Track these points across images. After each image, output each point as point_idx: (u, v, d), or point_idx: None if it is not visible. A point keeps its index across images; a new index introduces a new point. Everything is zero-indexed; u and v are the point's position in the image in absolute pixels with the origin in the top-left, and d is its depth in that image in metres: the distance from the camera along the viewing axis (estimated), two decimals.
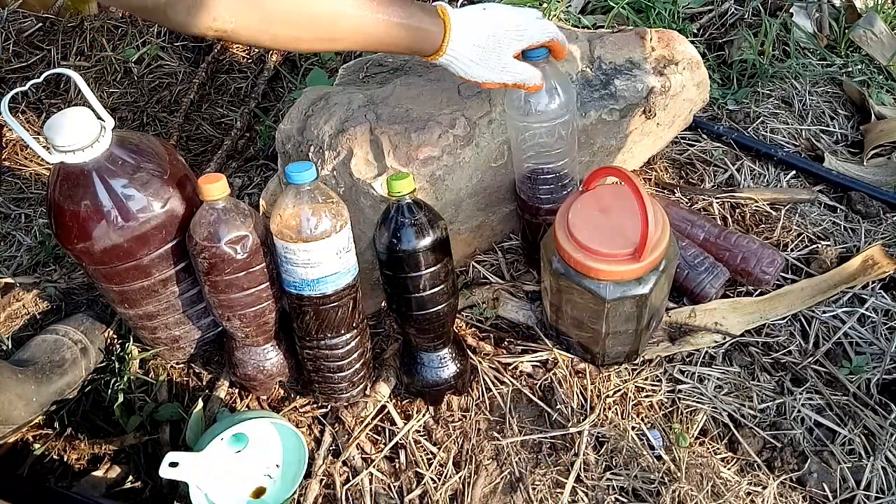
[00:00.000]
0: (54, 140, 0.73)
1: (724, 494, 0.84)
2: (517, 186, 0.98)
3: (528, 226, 1.01)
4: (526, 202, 0.98)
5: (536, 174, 0.94)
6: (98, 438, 0.92)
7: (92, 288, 1.10)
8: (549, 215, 0.96)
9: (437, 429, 0.92)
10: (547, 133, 0.88)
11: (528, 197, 0.97)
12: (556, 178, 0.94)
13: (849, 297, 1.03)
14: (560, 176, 0.94)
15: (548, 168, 0.93)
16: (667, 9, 1.53)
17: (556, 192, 0.95)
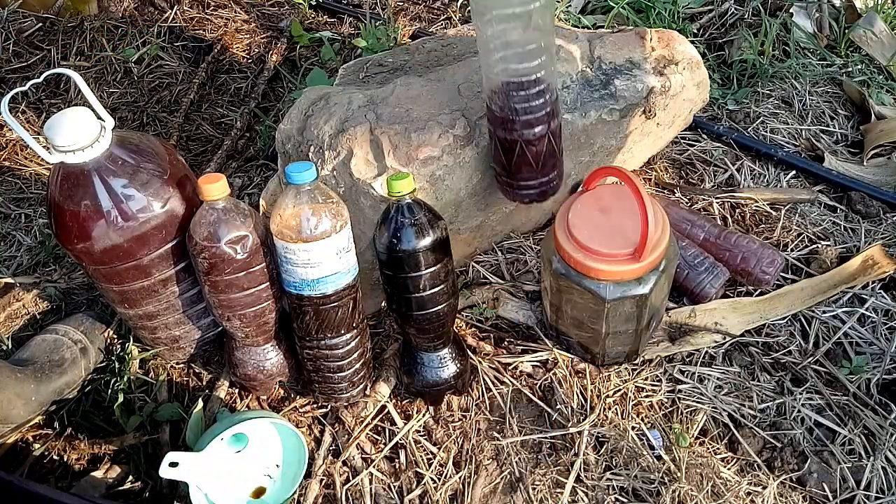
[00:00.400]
0: (54, 140, 0.73)
1: (724, 494, 0.84)
2: (486, 97, 0.85)
3: (502, 145, 0.87)
4: (497, 114, 0.84)
5: (509, 77, 0.80)
6: (98, 438, 0.92)
7: (92, 288, 1.10)
8: (526, 129, 0.83)
9: (437, 429, 0.92)
10: (520, 24, 0.74)
11: (499, 107, 0.83)
12: (532, 83, 0.80)
13: (849, 297, 1.03)
14: (537, 79, 0.80)
15: (523, 69, 0.79)
16: (667, 9, 1.53)
17: (533, 99, 0.81)
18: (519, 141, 0.84)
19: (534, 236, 1.13)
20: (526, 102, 0.81)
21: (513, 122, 0.83)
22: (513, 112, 0.82)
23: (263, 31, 1.71)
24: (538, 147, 0.85)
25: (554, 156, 0.89)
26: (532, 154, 0.86)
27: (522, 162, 0.87)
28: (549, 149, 0.87)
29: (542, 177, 0.90)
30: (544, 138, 0.85)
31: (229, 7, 1.78)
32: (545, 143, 0.86)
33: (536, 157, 0.86)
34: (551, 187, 0.93)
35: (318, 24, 1.72)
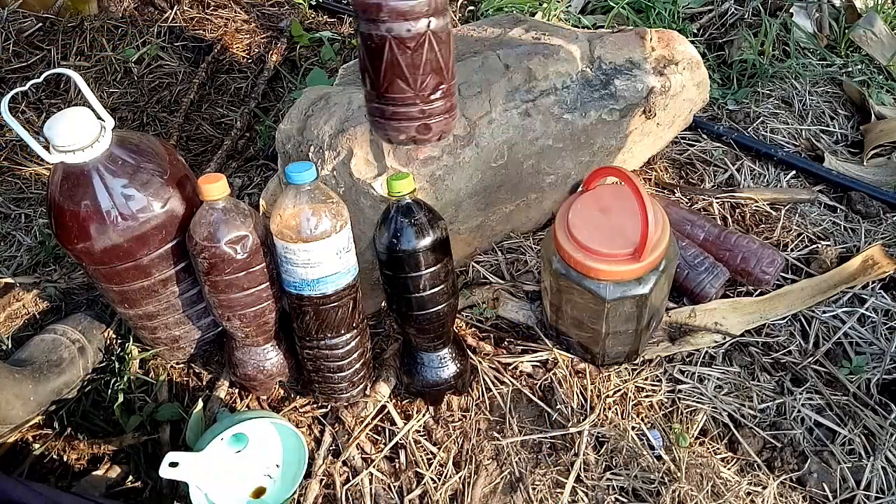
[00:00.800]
0: (54, 140, 0.73)
1: (724, 494, 0.84)
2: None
3: (366, 46, 0.68)
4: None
5: None
6: (98, 438, 0.92)
7: (92, 288, 1.10)
8: (395, 21, 0.65)
9: (437, 429, 0.92)
10: None
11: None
12: None
13: (849, 297, 1.03)
14: None
15: None
16: (667, 9, 1.53)
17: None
18: (388, 41, 0.64)
19: (534, 236, 1.13)
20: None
21: (378, 7, 0.63)
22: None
23: (263, 31, 1.71)
24: (415, 52, 0.65)
25: (439, 71, 0.68)
26: (406, 62, 0.66)
27: (394, 74, 0.67)
28: (431, 57, 0.66)
29: (423, 102, 0.69)
30: (424, 39, 0.64)
31: (229, 7, 1.78)
32: (425, 48, 0.65)
33: (413, 68, 0.66)
34: (437, 120, 0.71)
35: (318, 24, 1.72)
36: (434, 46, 0.67)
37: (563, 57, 1.02)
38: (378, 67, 0.67)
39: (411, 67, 0.67)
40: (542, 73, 1.00)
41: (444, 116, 0.73)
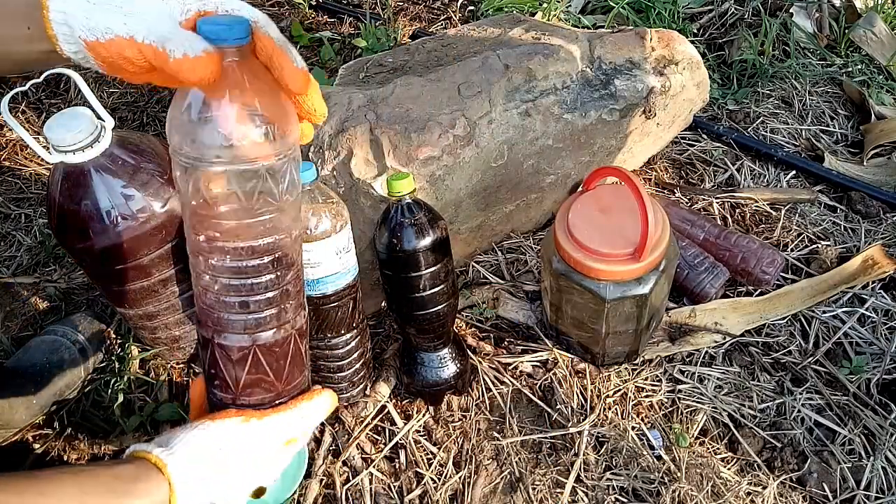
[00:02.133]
0: (54, 140, 0.73)
1: (724, 494, 0.84)
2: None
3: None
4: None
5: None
6: (98, 438, 0.92)
7: (92, 288, 1.10)
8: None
9: (437, 429, 0.92)
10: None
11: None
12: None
13: (849, 297, 1.03)
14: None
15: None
16: (667, 9, 1.53)
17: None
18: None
19: (534, 236, 1.13)
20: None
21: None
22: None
23: None
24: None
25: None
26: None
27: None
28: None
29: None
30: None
31: None
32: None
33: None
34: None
35: (318, 24, 1.72)
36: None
37: (563, 57, 1.02)
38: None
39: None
40: (542, 73, 1.00)
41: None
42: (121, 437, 0.92)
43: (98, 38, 0.44)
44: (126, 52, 0.44)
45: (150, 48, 0.43)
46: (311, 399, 0.60)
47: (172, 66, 0.42)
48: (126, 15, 0.44)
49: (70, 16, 0.45)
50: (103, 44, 0.44)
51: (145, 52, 0.44)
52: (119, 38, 0.44)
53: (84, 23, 0.44)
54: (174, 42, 0.43)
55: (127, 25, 0.44)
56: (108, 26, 0.44)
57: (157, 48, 0.43)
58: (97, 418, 0.95)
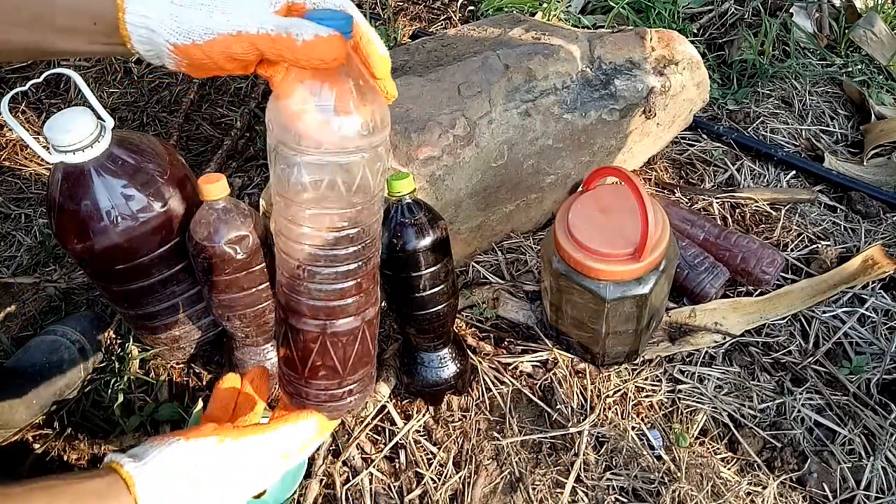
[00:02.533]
0: (54, 140, 0.73)
1: (724, 494, 0.84)
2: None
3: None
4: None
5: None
6: (98, 438, 0.92)
7: (92, 288, 1.10)
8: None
9: (437, 429, 0.92)
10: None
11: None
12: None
13: (849, 297, 1.03)
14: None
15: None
16: (667, 9, 1.53)
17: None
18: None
19: (534, 236, 1.13)
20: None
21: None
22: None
23: None
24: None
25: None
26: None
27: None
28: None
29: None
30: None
31: None
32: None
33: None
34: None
35: None
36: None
37: (563, 57, 1.02)
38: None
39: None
40: (542, 73, 1.00)
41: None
42: (121, 437, 0.92)
43: (195, 41, 0.44)
44: (233, 48, 0.44)
45: (267, 38, 0.43)
46: (294, 422, 0.59)
47: (302, 50, 0.42)
48: (225, 13, 0.44)
49: (153, 20, 0.45)
50: (201, 45, 0.44)
51: (260, 43, 0.44)
52: (224, 37, 0.44)
53: (174, 28, 0.44)
54: (298, 27, 0.43)
55: (231, 22, 0.44)
56: (206, 27, 0.44)
57: (281, 35, 0.43)
58: (97, 418, 0.95)
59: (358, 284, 0.56)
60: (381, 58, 0.49)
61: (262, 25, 0.43)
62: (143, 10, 0.44)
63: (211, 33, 0.44)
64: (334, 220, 0.51)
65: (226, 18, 0.44)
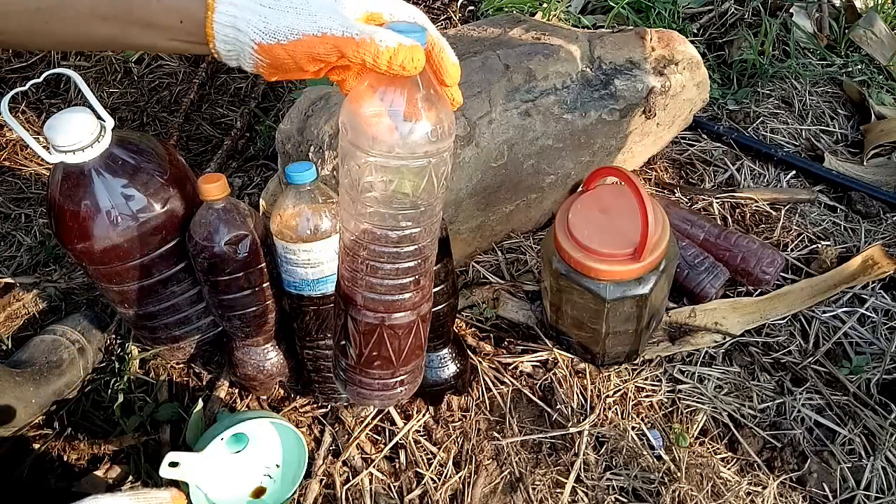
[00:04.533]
0: (54, 140, 0.73)
1: (724, 494, 0.84)
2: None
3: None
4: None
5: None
6: (98, 438, 0.92)
7: (92, 288, 1.10)
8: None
9: (437, 429, 0.92)
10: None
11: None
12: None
13: (849, 297, 1.03)
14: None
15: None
16: (667, 9, 1.53)
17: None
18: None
19: (534, 236, 1.13)
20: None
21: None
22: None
23: None
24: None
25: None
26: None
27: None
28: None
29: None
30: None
31: None
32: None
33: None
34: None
35: None
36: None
37: (563, 57, 1.02)
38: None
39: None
40: (542, 73, 1.00)
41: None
42: (121, 437, 0.92)
43: (279, 41, 0.46)
44: (317, 49, 0.46)
45: (351, 41, 0.45)
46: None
47: (385, 55, 0.44)
48: (311, 15, 0.46)
49: (241, 20, 0.46)
50: (285, 45, 0.46)
51: (343, 45, 0.45)
52: (309, 37, 0.46)
53: (261, 27, 0.46)
54: (382, 34, 0.45)
55: (317, 24, 0.46)
56: (292, 28, 0.46)
57: (366, 39, 0.44)
58: (97, 418, 0.95)
59: (416, 281, 0.58)
60: (453, 66, 0.51)
61: (348, 29, 0.45)
62: (232, 11, 0.46)
63: (296, 34, 0.46)
64: (398, 219, 0.53)
65: (312, 20, 0.46)
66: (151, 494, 0.65)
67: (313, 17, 0.46)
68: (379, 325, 0.59)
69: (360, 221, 0.54)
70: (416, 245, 0.55)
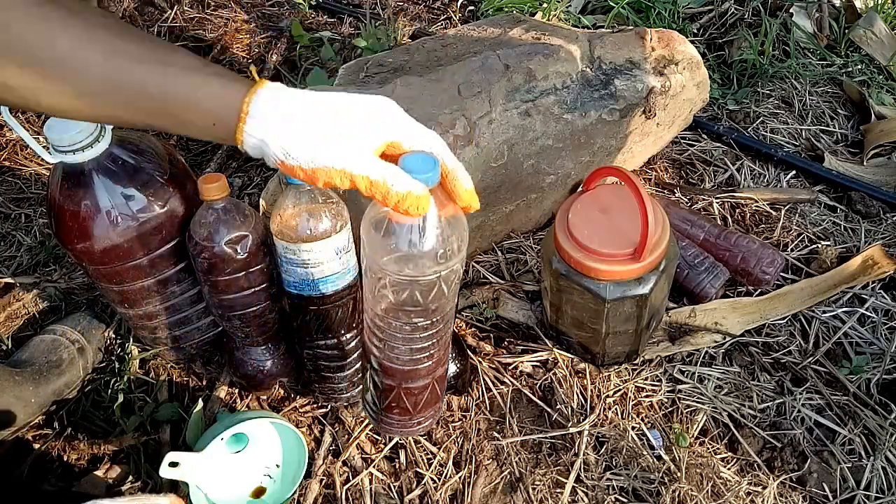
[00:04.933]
0: (54, 140, 0.73)
1: (724, 494, 0.84)
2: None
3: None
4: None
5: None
6: (98, 438, 0.92)
7: (92, 288, 1.10)
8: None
9: (437, 429, 0.92)
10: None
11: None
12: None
13: (849, 297, 1.03)
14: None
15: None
16: (667, 9, 1.53)
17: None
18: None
19: (534, 236, 1.13)
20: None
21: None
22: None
23: (263, 31, 1.71)
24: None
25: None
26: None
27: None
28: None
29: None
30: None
31: (229, 7, 1.78)
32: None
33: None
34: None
35: (318, 24, 1.72)
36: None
37: (563, 57, 1.02)
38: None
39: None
40: (542, 73, 1.00)
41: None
42: (121, 437, 0.92)
43: (301, 165, 0.49)
44: (334, 179, 0.49)
45: (366, 180, 0.48)
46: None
47: (394, 198, 0.48)
48: (331, 149, 0.48)
49: (267, 141, 0.49)
50: (305, 169, 0.49)
51: (358, 182, 0.48)
52: (328, 169, 0.49)
53: (284, 152, 0.49)
54: (395, 177, 0.48)
55: (336, 158, 0.48)
56: (314, 159, 0.49)
57: (379, 182, 0.48)
58: (97, 418, 0.95)
59: (430, 356, 0.64)
60: (466, 191, 0.53)
61: (365, 169, 0.48)
62: (260, 130, 0.49)
63: (317, 164, 0.49)
64: (411, 317, 0.58)
65: (332, 154, 0.48)
66: (150, 501, 0.66)
67: (333, 152, 0.48)
68: (397, 387, 0.65)
69: (377, 311, 0.59)
70: (430, 331, 0.60)
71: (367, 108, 0.52)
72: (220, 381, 0.97)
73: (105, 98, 0.48)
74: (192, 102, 0.49)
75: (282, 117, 0.49)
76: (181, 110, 0.49)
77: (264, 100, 0.49)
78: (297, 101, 0.50)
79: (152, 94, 0.48)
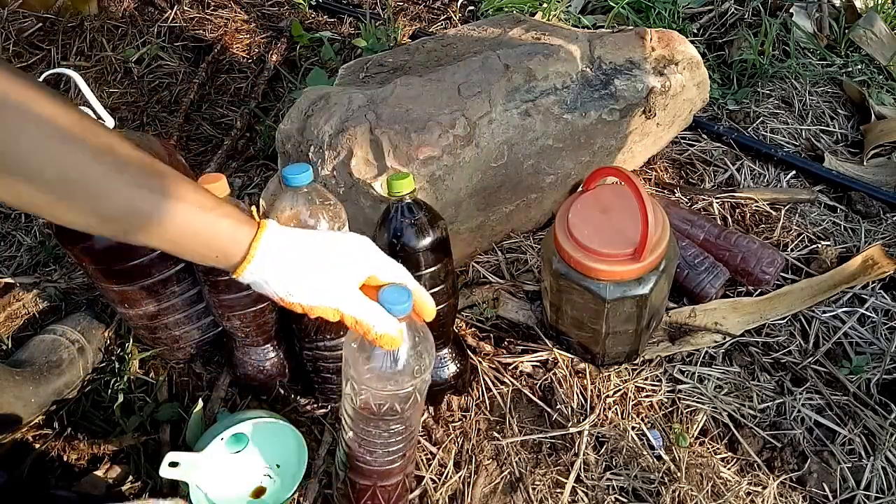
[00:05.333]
0: None
1: (724, 494, 0.84)
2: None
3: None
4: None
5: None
6: (98, 438, 0.92)
7: (92, 288, 1.10)
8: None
9: (437, 429, 0.92)
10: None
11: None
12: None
13: (849, 297, 1.03)
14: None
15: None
16: (667, 9, 1.53)
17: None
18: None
19: (534, 236, 1.13)
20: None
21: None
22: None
23: (263, 31, 1.71)
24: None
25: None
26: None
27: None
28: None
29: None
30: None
31: (229, 7, 1.78)
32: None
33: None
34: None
35: (318, 24, 1.72)
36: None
37: (563, 57, 1.02)
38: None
39: None
40: (542, 73, 1.00)
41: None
42: (121, 437, 0.92)
43: (300, 302, 0.58)
44: (326, 315, 0.58)
45: (352, 318, 0.57)
46: None
47: (373, 335, 0.57)
48: (327, 292, 0.57)
49: (269, 283, 0.57)
50: (303, 306, 0.58)
51: (346, 319, 0.58)
52: (321, 307, 0.58)
53: (283, 292, 0.58)
54: (375, 318, 0.57)
55: (328, 299, 0.57)
56: (309, 301, 0.58)
57: (363, 322, 0.57)
58: (97, 418, 0.95)
59: (402, 455, 0.72)
60: (430, 309, 0.63)
61: (352, 310, 0.57)
62: (261, 275, 0.57)
63: (312, 301, 0.58)
64: (389, 423, 0.66)
65: (326, 295, 0.57)
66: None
67: (328, 293, 0.57)
68: (372, 486, 0.75)
69: (355, 426, 0.68)
70: (403, 435, 0.69)
71: (348, 246, 0.60)
72: (220, 381, 0.97)
73: (118, 222, 0.52)
74: (201, 238, 0.55)
75: (283, 263, 0.57)
76: (188, 241, 0.55)
77: (264, 249, 0.56)
78: (292, 246, 0.58)
79: (166, 228, 0.53)
